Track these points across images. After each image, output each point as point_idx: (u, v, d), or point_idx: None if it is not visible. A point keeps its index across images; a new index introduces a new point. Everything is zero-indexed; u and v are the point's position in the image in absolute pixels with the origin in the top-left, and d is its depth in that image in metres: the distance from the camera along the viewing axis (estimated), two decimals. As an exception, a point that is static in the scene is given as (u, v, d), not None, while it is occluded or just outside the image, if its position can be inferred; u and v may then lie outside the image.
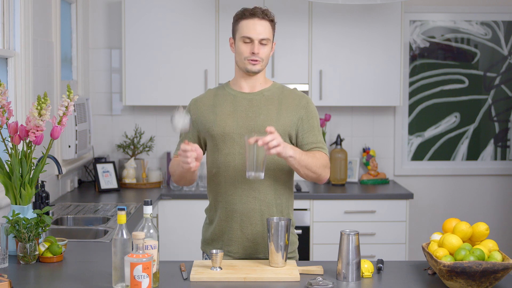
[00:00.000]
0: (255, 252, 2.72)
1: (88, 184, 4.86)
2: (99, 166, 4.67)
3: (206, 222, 2.86)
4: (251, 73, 2.71)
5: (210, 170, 2.77)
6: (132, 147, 4.94)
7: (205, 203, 2.95)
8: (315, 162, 2.65)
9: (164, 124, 5.07)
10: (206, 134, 2.74)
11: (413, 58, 5.18)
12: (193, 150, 2.51)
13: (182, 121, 2.47)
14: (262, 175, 2.52)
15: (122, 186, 4.79)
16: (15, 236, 2.59)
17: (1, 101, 2.59)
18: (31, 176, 2.66)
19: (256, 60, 2.67)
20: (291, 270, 2.45)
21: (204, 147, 2.81)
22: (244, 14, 2.68)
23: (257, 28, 2.65)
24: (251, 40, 2.66)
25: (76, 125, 4.30)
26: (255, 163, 2.49)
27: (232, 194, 2.70)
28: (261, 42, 2.66)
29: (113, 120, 5.08)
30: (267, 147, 2.47)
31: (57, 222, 3.66)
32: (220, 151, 2.71)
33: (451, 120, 5.25)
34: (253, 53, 2.66)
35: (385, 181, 5.01)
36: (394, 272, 2.50)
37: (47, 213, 3.19)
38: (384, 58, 4.78)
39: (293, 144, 2.75)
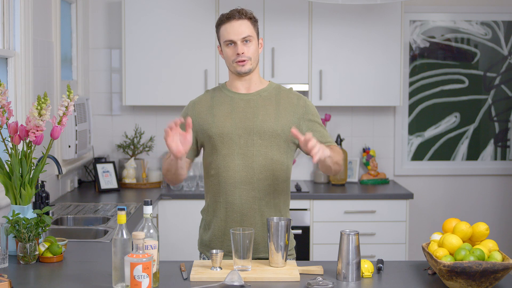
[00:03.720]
0: (256, 251, 2.73)
1: (88, 184, 4.86)
2: (99, 166, 4.67)
3: (203, 224, 2.85)
4: (243, 74, 2.72)
5: (208, 171, 2.78)
6: (132, 147, 4.94)
7: (205, 203, 2.95)
8: (339, 156, 2.71)
9: (164, 124, 5.07)
10: (204, 135, 2.75)
11: (413, 58, 5.18)
12: (177, 132, 2.50)
13: None
14: (250, 264, 2.46)
15: (122, 186, 4.79)
16: (15, 236, 2.58)
17: (1, 101, 2.59)
18: (31, 176, 2.66)
19: (244, 60, 2.68)
20: (291, 270, 2.45)
21: (200, 149, 2.82)
22: (222, 20, 2.71)
23: (235, 29, 2.67)
24: (234, 42, 2.68)
25: (76, 125, 4.30)
26: (242, 252, 2.43)
27: (232, 194, 2.71)
28: (243, 41, 2.67)
29: (113, 120, 5.08)
30: (313, 153, 2.43)
31: (57, 222, 3.66)
32: (219, 152, 2.72)
33: (451, 120, 5.25)
34: (238, 54, 2.67)
35: (385, 181, 5.01)
36: (394, 272, 2.50)
37: (47, 213, 3.19)
38: (384, 58, 4.78)
39: (296, 145, 2.78)
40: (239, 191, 2.70)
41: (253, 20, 2.71)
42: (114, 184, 4.68)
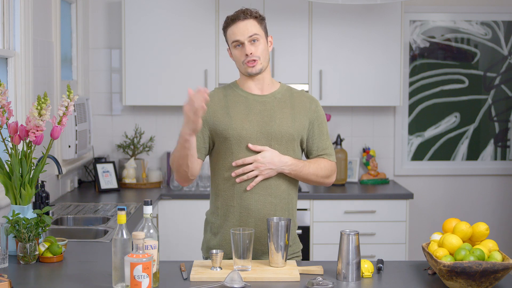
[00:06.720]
0: (263, 253, 2.70)
1: (88, 184, 4.86)
2: (99, 166, 4.67)
3: (210, 228, 2.76)
4: (254, 75, 2.67)
5: (221, 174, 2.69)
6: (132, 147, 4.94)
7: (205, 203, 2.94)
8: (317, 172, 2.69)
9: (164, 124, 5.07)
10: (219, 136, 2.66)
11: (413, 58, 5.18)
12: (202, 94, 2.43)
13: None
14: (250, 264, 2.45)
15: (122, 186, 4.79)
16: (15, 236, 2.58)
17: (1, 101, 2.59)
18: (31, 176, 2.66)
19: (253, 61, 2.63)
20: (291, 270, 2.45)
21: (210, 148, 2.73)
22: (227, 22, 2.66)
23: (241, 29, 2.61)
24: (241, 43, 2.63)
25: (76, 125, 4.30)
26: (242, 252, 2.41)
27: (247, 198, 2.65)
28: (250, 40, 2.62)
29: (113, 120, 5.08)
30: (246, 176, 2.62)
31: (57, 222, 3.66)
32: (235, 155, 2.64)
33: (451, 120, 5.25)
34: (246, 54, 2.62)
35: (385, 181, 5.00)
36: (394, 272, 2.50)
37: (47, 213, 3.19)
38: (384, 58, 4.78)
39: (302, 149, 2.75)
40: (255, 196, 2.65)
41: (259, 18, 2.65)
42: (114, 184, 4.68)
